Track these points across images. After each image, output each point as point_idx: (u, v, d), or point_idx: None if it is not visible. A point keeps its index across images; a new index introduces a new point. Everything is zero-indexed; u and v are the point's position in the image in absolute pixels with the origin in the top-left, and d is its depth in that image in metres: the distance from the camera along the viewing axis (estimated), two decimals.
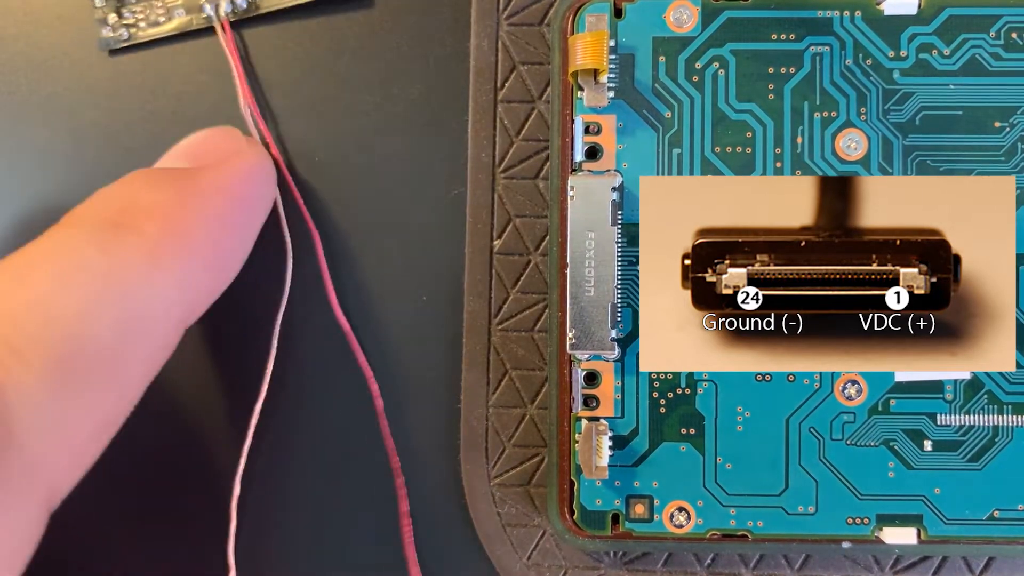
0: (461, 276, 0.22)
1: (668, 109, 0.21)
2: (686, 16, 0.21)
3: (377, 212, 0.23)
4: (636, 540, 0.21)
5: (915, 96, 0.21)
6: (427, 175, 0.23)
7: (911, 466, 0.21)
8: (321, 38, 0.23)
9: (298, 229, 0.23)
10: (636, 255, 0.21)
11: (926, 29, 0.21)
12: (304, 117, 0.23)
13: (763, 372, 0.21)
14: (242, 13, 0.23)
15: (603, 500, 0.21)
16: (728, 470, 0.21)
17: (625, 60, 0.21)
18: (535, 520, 0.22)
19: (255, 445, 0.22)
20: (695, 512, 0.21)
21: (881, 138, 0.21)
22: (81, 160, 0.23)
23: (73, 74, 0.24)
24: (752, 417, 0.21)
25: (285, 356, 0.23)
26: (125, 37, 0.23)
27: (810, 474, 0.21)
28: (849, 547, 0.21)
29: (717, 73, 0.21)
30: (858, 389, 0.21)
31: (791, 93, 0.21)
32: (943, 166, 0.21)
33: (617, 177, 0.21)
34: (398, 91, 0.23)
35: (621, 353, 0.21)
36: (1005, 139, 0.21)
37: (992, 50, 0.21)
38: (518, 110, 0.22)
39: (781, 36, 0.21)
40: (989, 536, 0.21)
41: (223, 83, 0.23)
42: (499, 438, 0.22)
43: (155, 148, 0.23)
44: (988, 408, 0.21)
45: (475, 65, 0.22)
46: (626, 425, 0.21)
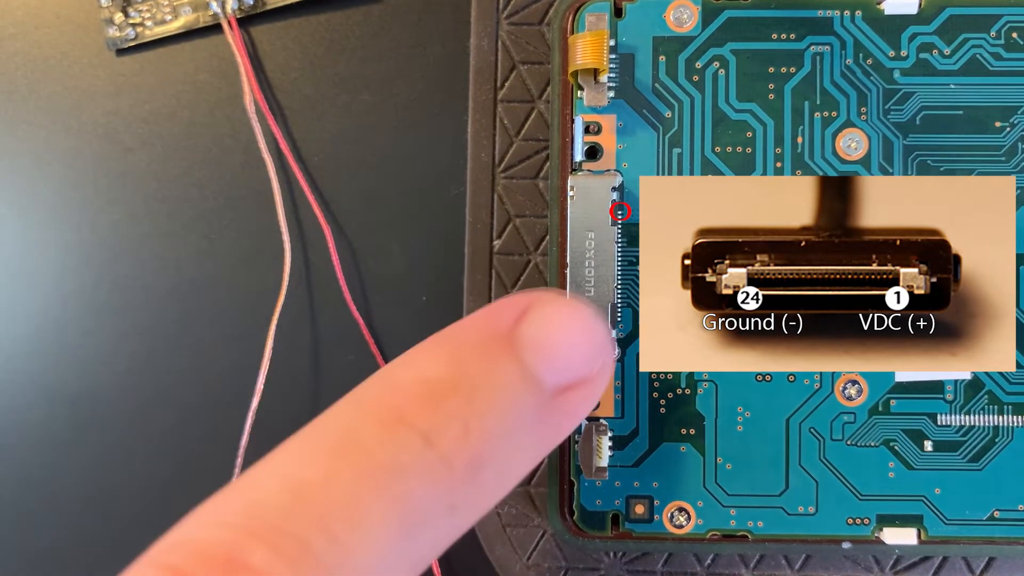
0: (461, 276, 0.22)
1: (668, 109, 0.21)
2: (686, 16, 0.21)
3: (377, 212, 0.23)
4: (636, 540, 0.21)
5: (916, 96, 0.21)
6: (427, 175, 0.23)
7: (911, 466, 0.21)
8: (322, 38, 0.23)
9: (294, 226, 0.23)
10: (636, 255, 0.21)
11: (927, 29, 0.21)
12: (304, 116, 0.23)
13: (763, 372, 0.21)
14: (248, 9, 0.23)
15: (603, 500, 0.21)
16: (728, 470, 0.21)
17: (625, 60, 0.21)
18: (535, 520, 0.22)
19: (251, 442, 0.22)
20: (695, 512, 0.21)
21: (881, 138, 0.21)
22: (81, 160, 0.24)
23: (73, 74, 0.24)
24: (752, 417, 0.21)
25: (282, 353, 0.23)
26: (132, 36, 0.23)
27: (810, 474, 0.21)
28: (849, 547, 0.21)
29: (717, 73, 0.21)
30: (858, 389, 0.21)
31: (791, 93, 0.21)
32: (943, 166, 0.21)
33: (617, 177, 0.21)
34: (398, 91, 0.23)
35: (621, 353, 0.21)
36: (1006, 139, 0.21)
37: (993, 50, 0.21)
38: (518, 110, 0.22)
39: (781, 36, 0.21)
40: (989, 536, 0.21)
41: (223, 83, 0.23)
42: None
43: (155, 148, 0.23)
44: (988, 408, 0.21)
45: (475, 65, 0.22)
46: (626, 425, 0.21)
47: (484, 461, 0.15)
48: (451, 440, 0.14)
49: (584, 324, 0.16)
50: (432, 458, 0.14)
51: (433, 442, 0.14)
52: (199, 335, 0.23)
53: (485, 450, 0.15)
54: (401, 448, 0.14)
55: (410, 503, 0.14)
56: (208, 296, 0.23)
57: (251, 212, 0.23)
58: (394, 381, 0.15)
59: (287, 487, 0.13)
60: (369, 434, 0.14)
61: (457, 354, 0.15)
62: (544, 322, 0.16)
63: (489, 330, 0.16)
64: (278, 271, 0.23)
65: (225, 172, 0.23)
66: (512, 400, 0.15)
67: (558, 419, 0.16)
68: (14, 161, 0.24)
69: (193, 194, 0.23)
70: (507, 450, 0.15)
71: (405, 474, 0.14)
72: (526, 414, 0.15)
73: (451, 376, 0.15)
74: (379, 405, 0.15)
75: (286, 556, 0.13)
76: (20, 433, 0.24)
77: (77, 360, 0.24)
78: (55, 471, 0.23)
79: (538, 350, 0.16)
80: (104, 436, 0.24)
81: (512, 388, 0.15)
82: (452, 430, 0.14)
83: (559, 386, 0.16)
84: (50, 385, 0.24)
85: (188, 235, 0.23)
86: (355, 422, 0.14)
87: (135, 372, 0.23)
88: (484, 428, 0.15)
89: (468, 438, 0.14)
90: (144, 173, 0.23)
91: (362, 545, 0.13)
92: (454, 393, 0.15)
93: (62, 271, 0.24)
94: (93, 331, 0.23)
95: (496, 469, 0.15)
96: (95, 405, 0.23)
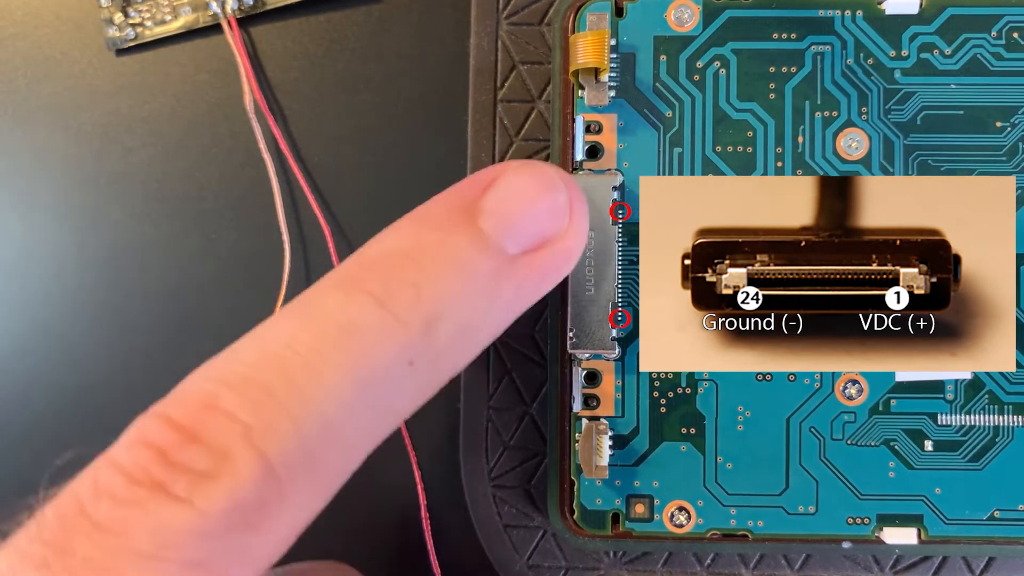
0: None
1: (669, 108, 0.21)
2: (687, 15, 0.21)
3: (377, 212, 0.23)
4: (636, 540, 0.21)
5: (916, 96, 0.21)
6: (427, 175, 0.23)
7: (912, 466, 0.21)
8: (322, 38, 0.23)
9: (294, 226, 0.23)
10: (636, 255, 0.21)
11: (927, 29, 0.21)
12: (304, 116, 0.23)
13: (763, 372, 0.21)
14: (248, 9, 0.23)
15: (603, 500, 0.21)
16: (728, 470, 0.21)
17: (626, 59, 0.21)
18: (535, 520, 0.22)
19: None
20: (695, 512, 0.21)
21: (882, 138, 0.21)
22: (81, 160, 0.24)
23: (73, 74, 0.24)
24: (752, 417, 0.21)
25: None
26: (131, 36, 0.23)
27: (810, 474, 0.21)
28: (849, 547, 0.21)
29: (718, 72, 0.21)
30: (859, 389, 0.21)
31: (792, 92, 0.21)
32: (944, 166, 0.21)
33: (618, 176, 0.21)
34: (398, 91, 0.23)
35: (621, 353, 0.21)
36: (1006, 139, 0.21)
37: (993, 50, 0.21)
38: (518, 110, 0.22)
39: (782, 35, 0.21)
40: (989, 536, 0.21)
41: (223, 83, 0.23)
42: (499, 438, 0.22)
43: (155, 148, 0.23)
44: (989, 408, 0.21)
45: (475, 65, 0.22)
46: (626, 425, 0.21)
47: (438, 319, 0.16)
48: (404, 302, 0.16)
49: (545, 186, 0.18)
50: (386, 317, 0.16)
51: (386, 304, 0.16)
52: (199, 335, 0.23)
53: (438, 309, 0.16)
54: (357, 310, 0.16)
55: (365, 357, 0.16)
56: (208, 296, 0.23)
57: (251, 212, 0.23)
58: (361, 257, 0.17)
59: (258, 348, 0.16)
60: (331, 301, 0.16)
61: (417, 229, 0.17)
62: (506, 190, 0.18)
63: (452, 204, 0.18)
64: (278, 271, 0.23)
65: (225, 172, 0.23)
66: (464, 264, 0.17)
67: (520, 279, 0.17)
68: (14, 161, 0.24)
69: (193, 194, 0.23)
70: (462, 308, 0.17)
71: (360, 332, 0.16)
72: (480, 276, 0.17)
73: (408, 247, 0.17)
74: (344, 277, 0.17)
75: (251, 399, 0.15)
76: (20, 433, 0.24)
77: (77, 359, 0.24)
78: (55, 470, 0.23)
79: (498, 216, 0.17)
80: (104, 436, 0.23)
81: (465, 253, 0.17)
82: (405, 294, 0.16)
83: (522, 248, 0.17)
84: (50, 384, 0.24)
85: (188, 235, 0.23)
86: (321, 293, 0.16)
87: (135, 372, 0.23)
88: (435, 289, 0.16)
89: (419, 299, 0.16)
90: (144, 173, 0.23)
91: (319, 391, 0.15)
92: (409, 261, 0.17)
93: (62, 271, 0.24)
94: (93, 331, 0.23)
95: (452, 327, 0.16)
96: (95, 404, 0.24)
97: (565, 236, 0.18)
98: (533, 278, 0.18)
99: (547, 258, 0.18)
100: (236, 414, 0.15)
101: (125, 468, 0.15)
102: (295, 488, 0.15)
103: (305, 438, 0.15)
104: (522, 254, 0.17)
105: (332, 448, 0.15)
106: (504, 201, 0.17)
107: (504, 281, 0.17)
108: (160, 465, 0.14)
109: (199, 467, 0.14)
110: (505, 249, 0.17)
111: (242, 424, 0.15)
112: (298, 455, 0.15)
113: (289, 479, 0.15)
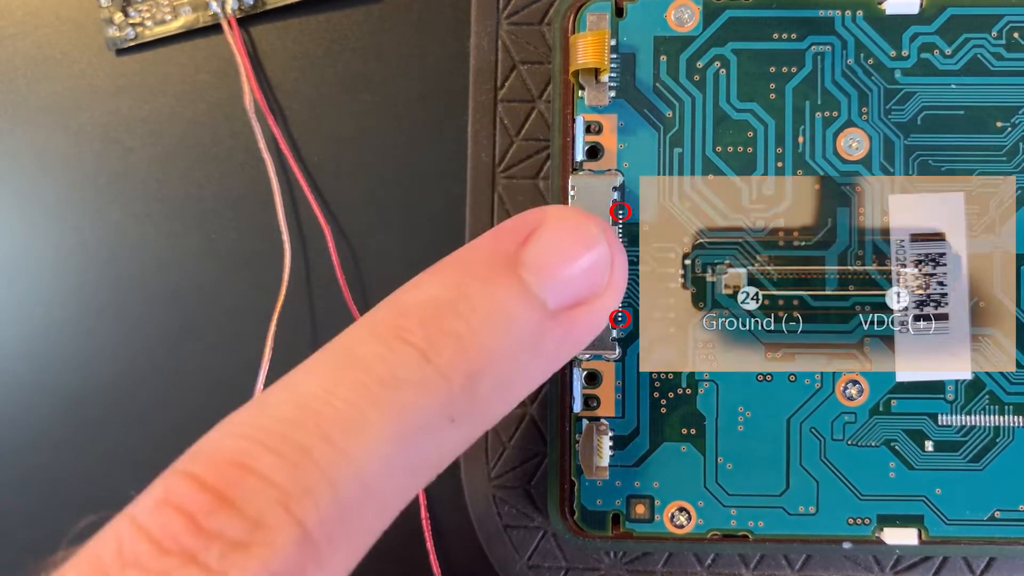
0: None
1: (669, 108, 0.21)
2: (687, 15, 0.21)
3: (377, 212, 0.23)
4: (636, 540, 0.21)
5: (917, 96, 0.21)
6: (427, 175, 0.23)
7: (912, 466, 0.21)
8: (322, 38, 0.23)
9: (294, 226, 0.23)
10: (636, 255, 0.21)
11: (928, 29, 0.21)
12: (304, 116, 0.23)
13: (764, 372, 0.21)
14: (248, 9, 0.23)
15: (603, 500, 0.21)
16: (729, 470, 0.21)
17: (626, 59, 0.21)
18: (535, 520, 0.22)
19: None
20: (696, 512, 0.21)
21: (882, 138, 0.21)
22: (81, 160, 0.24)
23: (73, 74, 0.24)
24: (753, 417, 0.21)
25: (282, 353, 0.23)
26: (131, 36, 0.23)
27: (811, 474, 0.21)
28: (850, 547, 0.21)
29: (718, 72, 0.21)
30: (859, 389, 0.21)
31: (792, 92, 0.21)
32: (944, 166, 0.21)
33: (618, 176, 0.21)
34: (398, 91, 0.23)
35: (621, 353, 0.21)
36: (1006, 139, 0.21)
37: (994, 50, 0.21)
38: (518, 110, 0.22)
39: (782, 35, 0.21)
40: (990, 536, 0.21)
41: (223, 83, 0.23)
42: (499, 438, 0.22)
43: (155, 148, 0.23)
44: (989, 408, 0.21)
45: (475, 65, 0.22)
46: (627, 425, 0.21)
47: (481, 374, 0.15)
48: (447, 355, 0.15)
49: (588, 243, 0.17)
50: (429, 371, 0.15)
51: (430, 357, 0.15)
52: (199, 335, 0.23)
53: (481, 364, 0.16)
54: (399, 363, 0.15)
55: (407, 413, 0.15)
56: (208, 296, 0.23)
57: (251, 212, 0.23)
58: (398, 303, 0.16)
59: (293, 401, 0.15)
60: (370, 351, 0.15)
61: (459, 276, 0.16)
62: (548, 242, 0.17)
63: (494, 252, 0.17)
64: (278, 271, 0.23)
65: (225, 172, 0.23)
66: (509, 318, 0.16)
67: (561, 335, 0.17)
68: (14, 161, 0.24)
69: (193, 194, 0.23)
70: (505, 364, 0.16)
71: (402, 386, 0.15)
72: (524, 331, 0.16)
73: (451, 297, 0.16)
74: (382, 325, 0.16)
75: (288, 460, 0.14)
76: (20, 433, 0.24)
77: (77, 360, 0.24)
78: (55, 471, 0.23)
79: (540, 270, 0.17)
80: (104, 436, 0.24)
81: (510, 306, 0.16)
82: (449, 346, 0.15)
83: (562, 304, 0.17)
84: (50, 385, 0.24)
85: (188, 235, 0.23)
86: (358, 341, 0.15)
87: (135, 372, 0.23)
88: (480, 344, 0.16)
89: (464, 353, 0.15)
90: (144, 173, 0.23)
91: (359, 450, 0.14)
92: (452, 312, 0.16)
93: (62, 271, 0.24)
94: (93, 331, 0.23)
95: (494, 382, 0.16)
96: (95, 405, 0.23)
97: (604, 295, 0.17)
98: (574, 335, 0.17)
99: (586, 316, 0.17)
100: (271, 476, 0.14)
101: (153, 535, 0.14)
102: (332, 554, 0.14)
103: (343, 502, 0.14)
104: (561, 310, 0.17)
105: (370, 510, 0.15)
106: (546, 255, 0.17)
107: (547, 336, 0.17)
108: (190, 533, 0.13)
109: (232, 535, 0.13)
110: (547, 303, 0.17)
111: (278, 488, 0.14)
112: (336, 521, 0.14)
113: (327, 545, 0.14)
